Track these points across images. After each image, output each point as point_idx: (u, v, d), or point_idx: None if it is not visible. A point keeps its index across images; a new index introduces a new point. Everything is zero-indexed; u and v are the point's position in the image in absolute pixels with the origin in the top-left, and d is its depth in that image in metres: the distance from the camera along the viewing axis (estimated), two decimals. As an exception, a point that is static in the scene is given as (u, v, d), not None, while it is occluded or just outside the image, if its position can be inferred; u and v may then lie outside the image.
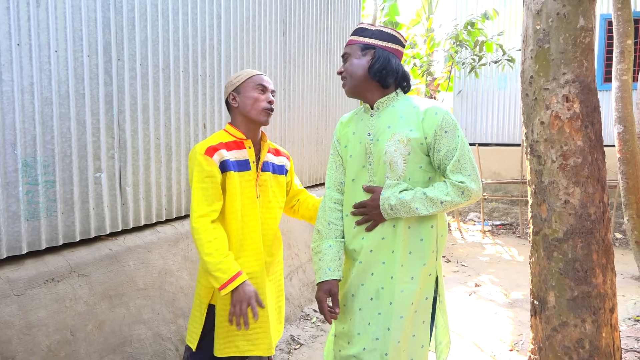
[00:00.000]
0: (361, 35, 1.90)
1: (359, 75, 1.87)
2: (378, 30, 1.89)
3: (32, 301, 2.19)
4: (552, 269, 2.38)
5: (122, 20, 2.66)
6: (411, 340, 1.83)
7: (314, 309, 4.15)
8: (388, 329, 1.80)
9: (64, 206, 2.41)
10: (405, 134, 1.78)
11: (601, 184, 2.35)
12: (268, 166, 2.13)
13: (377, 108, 1.89)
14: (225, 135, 2.06)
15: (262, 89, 2.04)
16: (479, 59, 8.14)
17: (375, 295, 1.84)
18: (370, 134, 1.86)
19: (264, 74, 2.10)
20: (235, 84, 2.05)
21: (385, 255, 1.83)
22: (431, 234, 1.85)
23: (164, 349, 2.72)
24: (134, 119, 2.78)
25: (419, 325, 1.85)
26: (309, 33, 4.89)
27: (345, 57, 1.91)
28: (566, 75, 2.32)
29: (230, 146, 2.02)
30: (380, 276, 1.83)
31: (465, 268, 5.85)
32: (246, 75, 2.05)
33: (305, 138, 4.92)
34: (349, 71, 1.88)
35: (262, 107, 2.02)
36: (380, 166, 1.82)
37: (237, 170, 2.00)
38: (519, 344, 3.59)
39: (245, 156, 2.04)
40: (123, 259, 2.64)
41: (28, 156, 2.23)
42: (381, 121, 1.85)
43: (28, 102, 2.22)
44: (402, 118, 1.82)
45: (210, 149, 1.96)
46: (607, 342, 2.35)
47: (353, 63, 1.88)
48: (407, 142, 1.78)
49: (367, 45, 1.87)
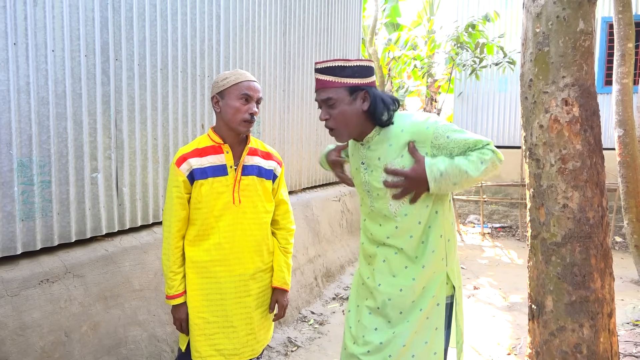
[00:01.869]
0: (341, 75, 1.68)
1: (355, 121, 1.72)
2: (358, 66, 1.70)
3: (27, 302, 2.17)
4: (550, 273, 2.36)
5: (120, 20, 2.65)
6: (423, 347, 1.79)
7: (311, 310, 4.13)
8: (393, 333, 1.79)
9: (60, 206, 2.40)
10: (397, 162, 1.72)
11: (600, 188, 2.33)
12: (253, 169, 2.06)
13: (367, 141, 1.80)
14: (205, 140, 2.04)
15: (246, 99, 1.97)
16: (479, 61, 8.12)
17: (382, 306, 1.82)
18: (364, 163, 1.82)
19: (252, 79, 2.01)
20: (221, 88, 1.99)
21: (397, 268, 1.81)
22: (440, 243, 1.80)
23: (160, 351, 2.71)
24: (131, 119, 2.77)
25: (432, 331, 1.81)
26: (309, 34, 4.87)
27: (331, 102, 1.69)
28: (565, 78, 2.30)
29: (207, 151, 2.00)
30: (388, 287, 1.81)
31: (464, 271, 5.83)
32: (233, 81, 1.97)
33: (305, 139, 4.90)
34: (341, 120, 1.71)
35: (242, 118, 1.96)
36: (381, 196, 1.79)
37: (213, 176, 1.98)
38: (517, 348, 3.58)
39: (223, 161, 2.00)
40: (119, 259, 2.63)
41: (24, 156, 2.22)
42: (372, 152, 1.79)
43: (24, 101, 2.21)
44: (391, 146, 1.75)
45: (181, 158, 1.98)
46: (604, 347, 2.34)
47: (344, 110, 1.69)
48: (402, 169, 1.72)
49: (355, 87, 1.69)
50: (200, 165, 1.97)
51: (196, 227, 2.01)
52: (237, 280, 2.03)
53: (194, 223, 2.01)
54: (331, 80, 1.69)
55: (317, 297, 4.45)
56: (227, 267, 2.02)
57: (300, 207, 4.62)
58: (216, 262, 2.01)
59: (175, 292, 2.01)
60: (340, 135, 1.75)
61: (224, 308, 2.03)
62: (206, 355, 2.02)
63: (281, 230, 2.22)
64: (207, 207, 1.98)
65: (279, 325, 3.71)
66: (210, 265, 2.01)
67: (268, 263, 2.15)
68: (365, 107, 1.71)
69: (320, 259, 4.80)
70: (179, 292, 2.02)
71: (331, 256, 5.03)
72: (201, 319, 2.02)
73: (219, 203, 1.98)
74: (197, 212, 2.00)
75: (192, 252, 2.02)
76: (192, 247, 2.02)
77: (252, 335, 2.08)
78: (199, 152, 2.00)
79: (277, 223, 2.22)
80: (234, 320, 2.04)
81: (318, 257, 4.75)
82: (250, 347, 2.08)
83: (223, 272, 2.02)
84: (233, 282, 2.03)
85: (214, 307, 2.02)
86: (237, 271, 2.03)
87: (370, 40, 10.71)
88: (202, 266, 2.01)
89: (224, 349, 2.03)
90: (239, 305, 2.05)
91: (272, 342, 3.47)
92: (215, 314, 2.02)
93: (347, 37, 5.85)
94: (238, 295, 2.04)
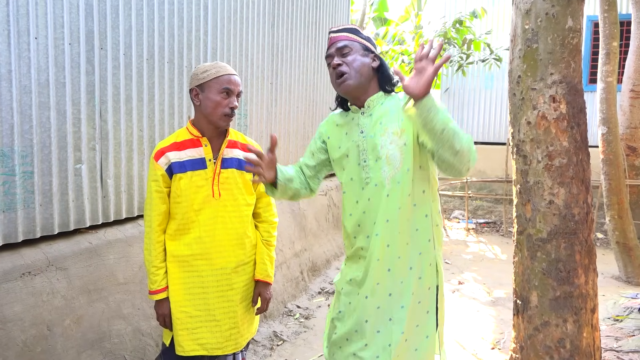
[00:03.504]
0: (358, 35, 1.84)
1: (366, 73, 1.80)
2: (368, 37, 1.88)
3: (7, 295, 2.13)
4: (536, 268, 2.39)
5: (105, 8, 2.60)
6: (415, 330, 1.82)
7: (297, 305, 4.13)
8: (390, 320, 1.79)
9: (43, 198, 2.35)
10: (397, 125, 1.78)
11: (585, 185, 2.36)
12: (232, 162, 2.04)
13: (368, 106, 1.86)
14: (183, 133, 2.03)
15: (227, 92, 1.95)
16: (466, 57, 8.16)
17: (370, 293, 1.81)
18: (363, 131, 1.84)
19: (233, 72, 2.00)
20: (201, 80, 1.96)
21: (380, 251, 1.79)
22: (426, 223, 1.83)
23: (144, 345, 2.68)
24: (116, 110, 2.72)
25: (423, 315, 1.84)
26: (298, 27, 4.84)
27: (345, 50, 1.79)
28: (554, 75, 2.32)
29: (185, 145, 1.99)
30: (376, 272, 1.80)
31: (449, 265, 5.88)
32: (214, 74, 1.95)
33: (292, 133, 4.88)
34: (356, 67, 1.78)
35: (223, 112, 1.95)
36: (377, 163, 1.80)
37: (192, 170, 1.97)
38: (501, 342, 3.62)
39: (201, 154, 1.99)
40: (103, 252, 2.59)
41: (5, 146, 2.17)
42: (373, 118, 1.84)
43: (5, 90, 2.15)
44: (392, 112, 1.82)
45: (159, 152, 1.98)
46: (587, 342, 2.37)
47: (359, 60, 1.79)
48: (401, 133, 1.77)
49: (367, 48, 1.84)
50: (179, 159, 1.97)
51: (176, 221, 2.00)
52: (219, 273, 2.02)
53: (174, 217, 2.01)
54: (347, 35, 1.82)
55: (303, 291, 4.45)
56: (209, 261, 2.01)
57: (286, 201, 4.61)
58: (197, 256, 2.00)
59: (157, 287, 2.00)
60: (351, 78, 1.78)
61: (207, 302, 2.02)
62: (189, 349, 2.00)
63: (263, 223, 2.21)
64: (187, 201, 1.97)
65: (264, 319, 3.69)
66: (191, 259, 2.00)
67: (251, 256, 2.14)
68: (375, 65, 1.83)
69: (307, 253, 4.79)
70: (161, 287, 2.01)
71: (317, 250, 5.03)
72: (184, 313, 2.00)
73: (198, 197, 1.97)
74: (177, 206, 1.99)
75: (173, 246, 2.01)
76: (173, 241, 2.01)
77: (236, 329, 2.06)
78: (177, 146, 1.98)
79: (259, 216, 2.21)
80: (217, 314, 2.03)
81: (304, 251, 4.74)
82: (234, 341, 2.06)
83: (204, 265, 2.01)
84: (215, 276, 2.02)
85: (196, 301, 2.01)
86: (219, 265, 2.02)
87: (358, 35, 10.68)
88: (183, 260, 2.00)
89: (206, 343, 2.02)
90: (221, 299, 2.04)
91: (257, 336, 3.45)
92: (198, 307, 2.01)
93: (335, 31, 5.82)
94: (220, 289, 2.03)
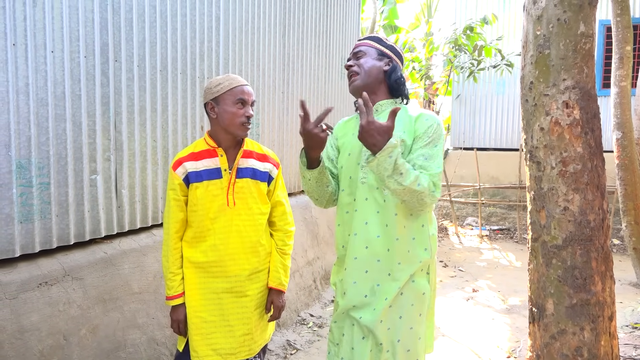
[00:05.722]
0: (378, 43, 1.95)
1: (375, 74, 1.91)
2: (391, 46, 1.97)
3: (25, 305, 2.16)
4: (551, 276, 2.36)
5: (119, 21, 2.64)
6: (409, 332, 1.87)
7: (310, 313, 4.12)
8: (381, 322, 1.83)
9: (59, 208, 2.38)
10: (398, 135, 1.82)
11: (601, 190, 2.33)
12: (247, 172, 2.09)
13: (376, 110, 1.93)
14: (201, 144, 2.09)
15: (242, 103, 2.01)
16: (477, 64, 8.14)
17: (370, 293, 1.86)
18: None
19: (245, 83, 2.06)
20: (215, 94, 2.02)
21: (380, 253, 1.85)
22: (422, 233, 1.88)
23: (159, 354, 2.69)
24: (130, 121, 2.75)
25: (416, 317, 1.89)
26: (308, 36, 4.87)
27: (359, 54, 1.93)
28: (566, 81, 2.30)
29: (202, 155, 2.05)
30: (376, 273, 1.85)
31: (463, 273, 5.83)
32: (227, 86, 2.01)
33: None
34: (365, 68, 1.90)
35: (241, 122, 2.01)
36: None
37: (208, 179, 2.03)
38: (517, 351, 3.57)
39: (217, 164, 2.05)
40: (118, 262, 2.61)
41: (22, 158, 2.21)
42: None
43: (23, 102, 2.19)
44: (396, 121, 1.86)
45: (177, 162, 2.04)
46: (605, 351, 2.34)
47: (370, 62, 1.91)
48: (400, 143, 1.82)
49: (384, 53, 1.94)
50: (196, 169, 2.03)
51: (193, 229, 2.05)
52: (233, 280, 2.06)
53: (191, 225, 2.06)
54: (369, 42, 1.96)
55: (316, 300, 4.44)
56: (223, 268, 2.05)
57: (299, 210, 4.62)
58: (212, 263, 2.04)
59: (174, 293, 2.05)
60: (359, 79, 1.90)
61: (221, 307, 2.06)
62: (203, 355, 2.04)
63: (278, 231, 2.24)
64: (203, 210, 2.02)
65: (278, 328, 3.69)
66: (207, 265, 2.05)
67: (265, 264, 2.17)
68: (385, 68, 1.92)
69: (319, 261, 4.79)
70: (177, 292, 2.05)
71: (330, 258, 5.02)
72: (199, 318, 2.04)
73: (214, 205, 2.03)
74: (194, 214, 2.04)
75: (190, 252, 2.06)
76: (190, 248, 2.07)
77: (249, 335, 2.09)
78: (194, 156, 2.05)
79: (274, 224, 2.24)
80: (231, 320, 2.06)
81: (317, 260, 4.74)
82: (247, 347, 2.09)
83: (219, 272, 2.05)
84: (229, 283, 2.06)
85: (211, 306, 2.06)
86: (233, 272, 2.06)
87: (369, 43, 10.69)
88: (199, 267, 2.05)
89: (220, 349, 2.05)
90: (235, 305, 2.07)
91: (271, 344, 3.45)
92: (213, 313, 2.05)
93: (345, 40, 5.85)
94: (235, 295, 2.07)
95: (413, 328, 1.88)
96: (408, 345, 1.87)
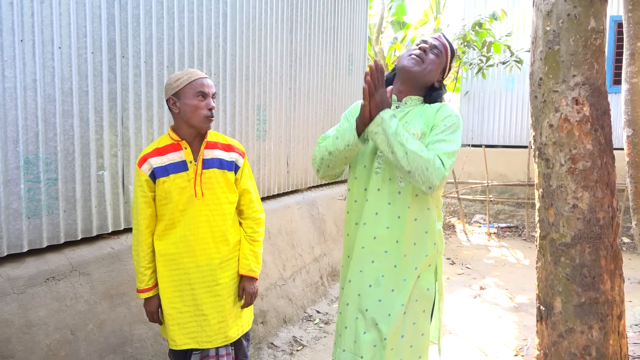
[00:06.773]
0: (451, 57, 1.96)
1: (427, 79, 1.91)
2: (454, 50, 1.99)
3: (33, 300, 2.17)
4: (559, 274, 2.34)
5: (127, 17, 2.64)
6: (411, 327, 1.87)
7: (317, 310, 4.12)
8: (389, 315, 1.82)
9: (66, 204, 2.39)
10: (419, 128, 1.83)
11: (610, 188, 2.31)
12: (214, 162, 2.12)
13: (405, 103, 1.93)
14: (165, 139, 2.12)
15: (203, 95, 2.03)
16: (486, 60, 8.07)
17: (374, 283, 1.86)
18: None
19: (204, 76, 2.07)
20: (175, 89, 2.04)
21: (388, 244, 1.85)
22: (433, 227, 1.89)
23: (165, 349, 2.70)
24: (137, 117, 2.76)
25: (419, 314, 1.89)
26: (316, 32, 4.86)
27: (436, 51, 1.91)
28: (576, 77, 2.27)
29: (166, 149, 2.08)
30: (382, 264, 1.85)
31: (470, 270, 5.80)
32: (187, 80, 2.03)
33: (311, 137, 4.89)
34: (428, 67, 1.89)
35: (203, 114, 2.03)
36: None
37: (174, 172, 2.06)
38: (524, 349, 3.55)
39: (182, 157, 2.08)
40: (125, 257, 2.62)
41: (30, 153, 2.22)
42: (401, 115, 1.89)
43: (31, 98, 2.20)
44: (420, 116, 1.88)
45: (142, 159, 2.07)
46: (614, 350, 2.31)
47: (435, 67, 1.91)
48: (420, 136, 1.82)
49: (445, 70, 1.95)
50: (161, 164, 2.06)
51: (164, 222, 2.11)
52: (204, 270, 2.12)
53: (162, 218, 2.11)
54: (447, 46, 1.94)
55: (322, 296, 4.44)
56: (194, 258, 2.10)
57: (306, 206, 4.61)
58: (183, 254, 2.10)
59: (145, 286, 2.12)
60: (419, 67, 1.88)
61: (194, 297, 2.12)
62: (181, 343, 2.12)
63: (247, 219, 2.28)
64: (172, 202, 2.07)
65: (284, 324, 3.70)
66: (177, 257, 2.10)
67: (235, 252, 2.23)
68: (436, 85, 1.95)
69: (326, 257, 4.78)
70: (148, 286, 2.13)
71: (337, 255, 5.02)
72: (174, 309, 2.11)
73: (182, 197, 2.07)
74: (164, 207, 2.09)
75: (161, 245, 2.11)
76: (161, 240, 2.12)
77: (224, 323, 2.15)
78: (159, 151, 2.08)
79: (243, 213, 2.28)
80: (205, 309, 2.12)
81: (323, 256, 4.73)
82: (223, 334, 2.15)
83: (190, 263, 2.10)
84: (200, 272, 2.11)
85: (184, 297, 2.12)
86: (204, 261, 2.11)
87: (377, 39, 10.67)
88: (170, 259, 2.10)
89: (197, 337, 2.13)
90: (209, 294, 2.13)
91: (277, 341, 3.46)
92: (187, 303, 2.12)
93: (353, 36, 5.82)
94: (207, 284, 2.12)
95: (416, 324, 1.88)
96: (411, 341, 1.87)
